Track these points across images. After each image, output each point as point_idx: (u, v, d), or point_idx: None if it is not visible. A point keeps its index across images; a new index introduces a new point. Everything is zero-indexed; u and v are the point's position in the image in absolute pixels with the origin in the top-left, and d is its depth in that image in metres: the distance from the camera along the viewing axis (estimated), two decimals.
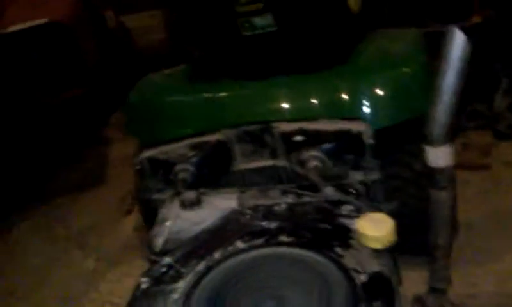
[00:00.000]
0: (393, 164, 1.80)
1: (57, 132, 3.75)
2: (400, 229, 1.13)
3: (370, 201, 1.43)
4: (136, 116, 2.03)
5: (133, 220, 2.93)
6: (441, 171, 1.42)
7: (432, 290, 1.67)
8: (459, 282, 1.78)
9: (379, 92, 1.70)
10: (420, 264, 1.75)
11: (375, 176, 1.44)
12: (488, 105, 2.87)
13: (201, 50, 2.02)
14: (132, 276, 2.48)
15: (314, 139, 1.46)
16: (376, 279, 1.04)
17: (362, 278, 1.04)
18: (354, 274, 1.05)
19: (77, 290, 2.50)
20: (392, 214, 1.15)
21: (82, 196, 3.36)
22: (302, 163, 1.44)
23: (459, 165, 1.51)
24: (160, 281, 1.15)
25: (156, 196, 1.57)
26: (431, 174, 1.46)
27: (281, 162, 1.49)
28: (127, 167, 3.34)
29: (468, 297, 1.96)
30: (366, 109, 1.68)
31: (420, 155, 1.62)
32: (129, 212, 3.03)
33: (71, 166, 3.72)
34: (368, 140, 1.42)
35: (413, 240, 1.88)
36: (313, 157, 1.41)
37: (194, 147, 1.54)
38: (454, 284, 1.63)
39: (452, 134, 1.36)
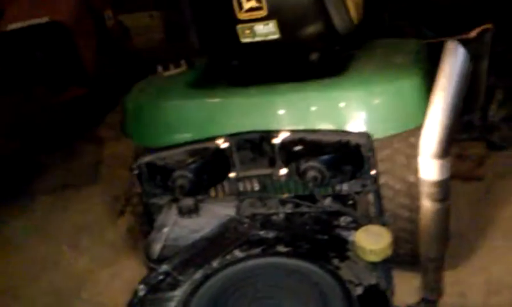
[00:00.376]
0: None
1: (54, 130, 3.74)
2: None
3: (367, 213, 1.44)
4: (133, 119, 2.03)
5: (126, 221, 2.92)
6: (436, 184, 1.43)
7: (424, 300, 1.68)
8: (448, 291, 1.80)
9: (378, 103, 1.72)
10: (408, 273, 1.78)
11: (372, 187, 1.45)
12: (481, 116, 2.90)
13: (202, 54, 2.03)
14: (123, 278, 2.48)
15: (313, 149, 1.47)
16: (372, 291, 1.06)
17: (358, 290, 1.06)
18: (351, 286, 1.07)
19: (67, 289, 2.49)
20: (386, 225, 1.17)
21: (74, 195, 3.33)
22: (301, 173, 1.44)
23: (453, 175, 1.52)
24: (158, 288, 1.16)
25: (153, 201, 1.57)
26: (425, 186, 1.47)
27: (279, 172, 1.50)
28: (120, 168, 3.35)
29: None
30: (364, 120, 1.70)
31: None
32: (122, 212, 3.01)
33: (63, 165, 3.70)
34: (367, 152, 1.43)
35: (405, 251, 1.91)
36: (312, 168, 1.42)
37: (192, 153, 1.54)
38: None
39: (449, 147, 1.37)
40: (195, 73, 2.16)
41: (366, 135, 1.46)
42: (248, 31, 1.86)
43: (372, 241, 1.12)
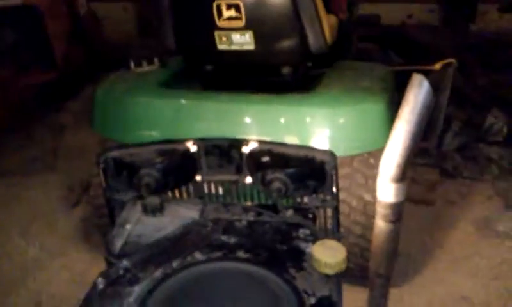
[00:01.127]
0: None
1: (14, 113, 3.64)
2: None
3: (325, 227, 1.50)
4: (103, 113, 2.02)
5: (80, 212, 2.88)
6: (391, 206, 1.51)
7: None
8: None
9: (343, 123, 1.79)
10: (356, 287, 1.86)
11: (332, 203, 1.51)
12: (437, 144, 3.05)
13: (177, 54, 2.04)
14: (73, 269, 2.45)
15: (280, 161, 1.51)
16: (325, 303, 1.11)
17: (312, 300, 1.11)
18: (305, 296, 1.11)
19: (14, 278, 2.43)
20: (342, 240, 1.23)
21: (28, 182, 3.24)
22: (266, 183, 1.48)
23: (406, 198, 1.61)
24: (117, 283, 1.16)
25: (116, 197, 1.57)
26: (380, 207, 1.54)
27: (245, 180, 1.54)
28: (78, 157, 3.29)
29: None
30: (328, 138, 1.76)
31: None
32: (77, 203, 2.97)
33: (19, 149, 3.59)
34: (331, 170, 1.49)
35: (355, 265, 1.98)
36: (277, 179, 1.46)
37: (161, 153, 1.55)
38: None
39: (406, 172, 1.45)
40: (167, 73, 2.18)
41: (331, 154, 1.52)
42: (224, 39, 1.89)
43: (327, 254, 1.17)
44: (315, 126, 1.79)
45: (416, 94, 1.36)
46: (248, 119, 1.83)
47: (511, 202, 2.72)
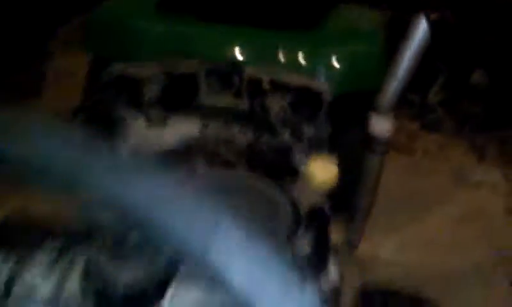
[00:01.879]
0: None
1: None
2: None
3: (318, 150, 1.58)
4: (99, 34, 2.03)
5: None
6: (380, 138, 1.62)
7: (347, 242, 1.90)
8: (362, 243, 2.01)
9: (335, 64, 1.86)
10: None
11: (326, 130, 1.60)
12: (422, 96, 3.15)
13: None
14: None
15: (279, 87, 1.58)
16: (319, 213, 1.20)
17: (305, 209, 1.19)
18: (299, 204, 1.20)
19: None
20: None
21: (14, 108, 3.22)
22: (265, 108, 1.55)
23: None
24: None
25: (117, 112, 1.60)
26: (370, 140, 1.65)
27: (244, 104, 1.59)
28: (66, 84, 3.28)
29: (368, 259, 2.23)
30: (321, 76, 1.83)
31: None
32: None
33: (8, 76, 3.54)
34: (327, 98, 1.57)
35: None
36: (276, 104, 1.53)
37: (163, 71, 1.59)
38: None
39: (395, 106, 1.56)
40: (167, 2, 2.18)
41: (327, 85, 1.60)
42: None
43: (321, 170, 1.27)
44: (313, 63, 1.86)
45: (415, 33, 1.45)
46: (245, 52, 1.87)
47: (485, 155, 2.87)
